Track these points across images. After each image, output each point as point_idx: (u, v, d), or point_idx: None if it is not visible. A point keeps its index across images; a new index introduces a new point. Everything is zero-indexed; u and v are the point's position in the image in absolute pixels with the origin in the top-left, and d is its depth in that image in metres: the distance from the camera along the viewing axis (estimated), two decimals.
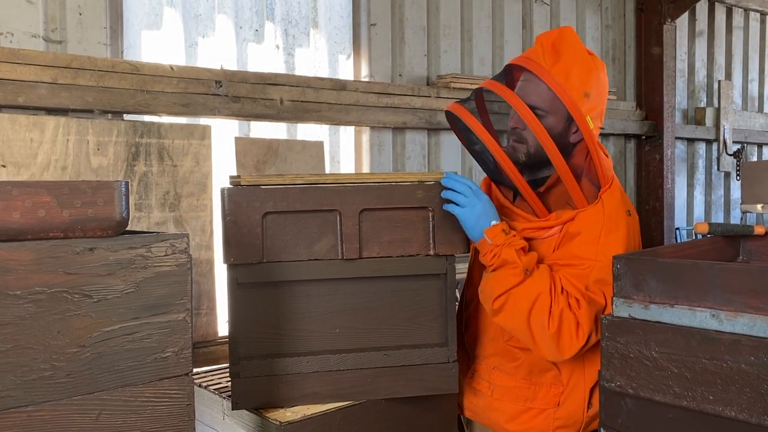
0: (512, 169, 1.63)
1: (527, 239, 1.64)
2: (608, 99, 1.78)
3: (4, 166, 2.29)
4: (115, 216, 1.16)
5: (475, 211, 1.58)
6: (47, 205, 1.11)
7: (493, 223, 1.59)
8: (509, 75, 1.76)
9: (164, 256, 1.23)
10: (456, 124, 1.80)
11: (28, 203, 1.09)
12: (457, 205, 1.60)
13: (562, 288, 1.58)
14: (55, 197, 1.11)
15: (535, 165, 1.69)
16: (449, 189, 1.61)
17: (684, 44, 5.70)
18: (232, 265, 1.58)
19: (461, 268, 1.87)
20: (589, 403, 1.69)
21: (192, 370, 1.28)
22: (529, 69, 1.63)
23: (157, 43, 3.03)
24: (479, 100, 1.79)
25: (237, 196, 1.56)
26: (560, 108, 1.62)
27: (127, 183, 1.20)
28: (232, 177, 1.59)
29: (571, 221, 1.64)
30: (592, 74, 1.63)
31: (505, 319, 1.60)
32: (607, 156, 1.72)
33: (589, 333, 1.55)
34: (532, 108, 1.61)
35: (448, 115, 1.77)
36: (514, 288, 1.56)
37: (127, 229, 1.24)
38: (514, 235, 1.60)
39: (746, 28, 6.30)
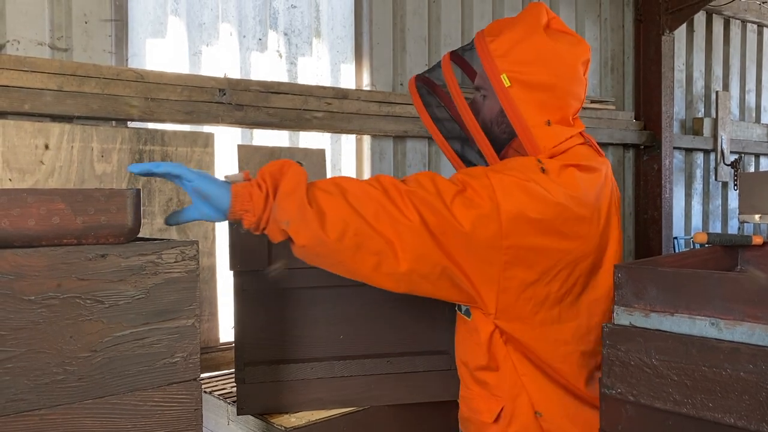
0: (479, 131, 1.53)
1: None
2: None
3: (10, 180, 2.31)
4: (127, 223, 1.19)
5: (206, 176, 1.28)
6: (61, 212, 1.13)
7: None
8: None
9: (174, 262, 1.26)
10: (421, 97, 1.69)
11: (43, 210, 1.11)
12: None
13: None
14: (69, 204, 1.14)
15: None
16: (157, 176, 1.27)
17: (682, 55, 5.75)
18: (239, 272, 1.60)
19: None
20: (537, 412, 1.53)
21: (200, 375, 1.30)
22: (473, 42, 1.57)
23: (161, 52, 3.06)
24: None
25: None
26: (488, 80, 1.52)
27: (138, 191, 1.23)
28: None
29: None
30: (533, 45, 1.51)
31: (331, 211, 1.30)
32: (598, 152, 1.60)
33: (418, 197, 1.33)
34: (477, 86, 1.58)
35: (414, 85, 1.68)
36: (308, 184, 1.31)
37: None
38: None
39: (743, 39, 6.35)
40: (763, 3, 6.10)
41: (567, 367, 1.51)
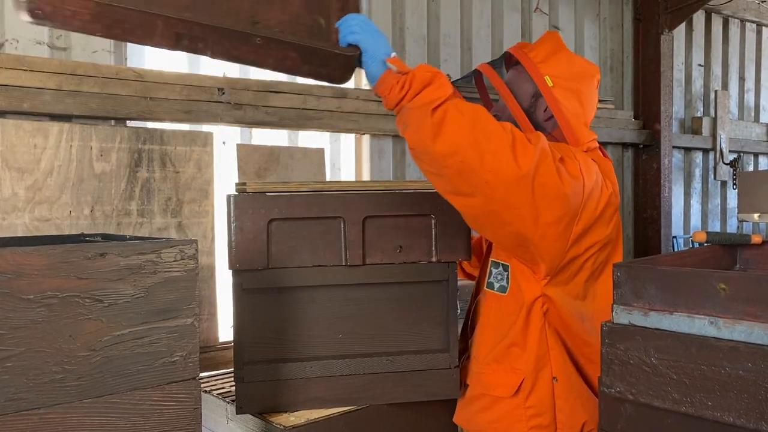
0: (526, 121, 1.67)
1: None
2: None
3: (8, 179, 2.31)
4: None
5: (376, 39, 1.44)
6: None
7: (393, 54, 1.46)
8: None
9: (173, 261, 1.26)
10: (481, 83, 1.91)
11: None
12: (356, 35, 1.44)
13: None
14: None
15: None
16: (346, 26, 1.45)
17: (681, 54, 5.75)
18: (238, 271, 1.60)
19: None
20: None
21: (199, 374, 1.30)
22: (512, 52, 1.74)
23: (160, 51, 3.06)
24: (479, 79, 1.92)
25: (243, 203, 1.58)
26: (530, 82, 1.69)
27: None
28: (237, 184, 1.62)
29: None
30: (563, 57, 1.70)
31: (450, 129, 1.37)
32: (606, 157, 1.74)
33: (542, 149, 1.44)
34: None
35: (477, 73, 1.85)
36: (450, 98, 1.40)
37: (130, 235, 1.26)
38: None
39: (742, 38, 6.35)
40: (762, 2, 6.10)
41: (594, 339, 1.57)
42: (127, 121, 2.77)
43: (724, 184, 6.21)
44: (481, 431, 1.73)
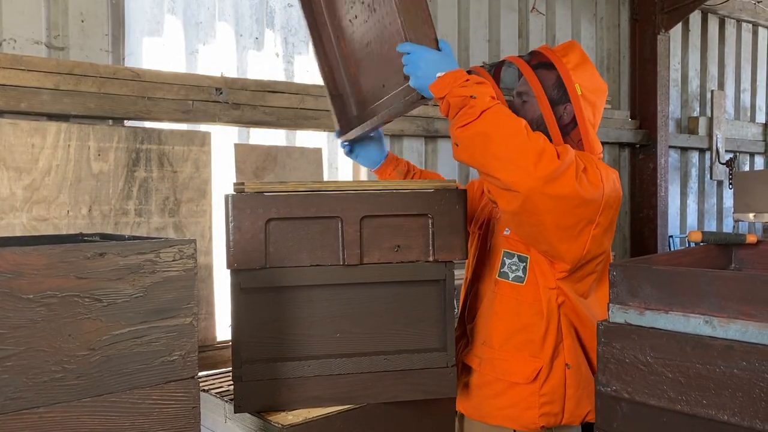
0: (552, 117, 1.73)
1: None
2: (603, 108, 1.87)
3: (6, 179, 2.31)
4: None
5: (417, 68, 1.58)
6: None
7: (439, 75, 1.58)
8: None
9: (172, 261, 1.26)
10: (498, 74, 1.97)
11: None
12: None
13: None
14: None
15: None
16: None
17: (678, 54, 5.77)
18: (236, 271, 1.60)
19: (460, 274, 1.90)
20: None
21: (198, 374, 1.31)
22: (545, 54, 1.79)
23: (158, 50, 3.06)
24: (498, 71, 1.96)
25: (241, 202, 1.59)
26: (561, 87, 1.76)
27: None
28: (235, 184, 1.62)
29: None
30: (589, 69, 1.79)
31: (486, 123, 1.52)
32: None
33: (568, 162, 1.53)
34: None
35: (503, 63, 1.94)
36: (479, 117, 1.53)
37: (128, 234, 1.27)
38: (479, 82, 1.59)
39: (738, 38, 6.38)
40: (758, 2, 6.12)
41: None
42: (125, 121, 2.77)
43: (720, 183, 6.23)
44: (488, 416, 1.77)
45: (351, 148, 2.12)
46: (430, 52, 1.59)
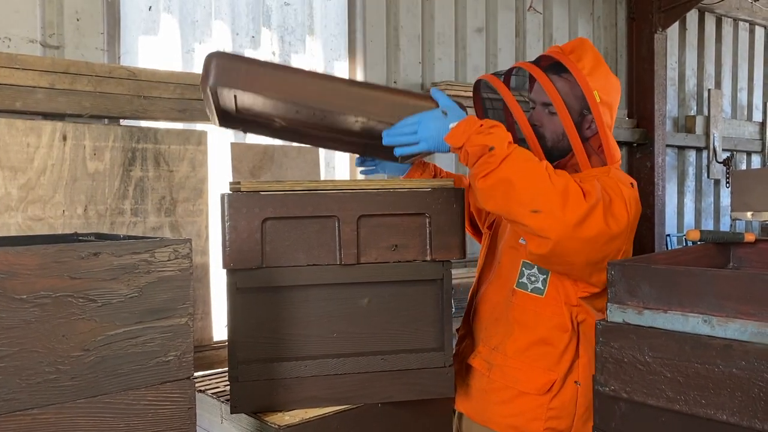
0: (534, 138, 1.70)
1: None
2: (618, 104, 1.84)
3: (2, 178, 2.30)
4: None
5: (426, 134, 1.62)
6: None
7: (452, 126, 1.60)
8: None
9: (167, 261, 1.25)
10: (480, 95, 1.91)
11: None
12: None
13: None
14: None
15: (551, 148, 1.76)
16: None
17: (675, 53, 5.77)
18: (232, 270, 1.59)
19: (457, 274, 1.89)
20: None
21: (193, 374, 1.30)
22: (559, 60, 1.72)
23: (154, 49, 3.05)
24: (508, 78, 1.88)
25: (237, 202, 1.58)
26: (579, 96, 1.71)
27: None
28: (231, 183, 1.61)
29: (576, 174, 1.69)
30: (603, 71, 1.75)
31: (507, 170, 1.51)
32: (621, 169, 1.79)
33: (594, 203, 1.51)
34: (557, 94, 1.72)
35: (479, 83, 1.88)
36: (499, 166, 1.52)
37: (124, 234, 1.26)
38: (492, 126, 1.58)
39: (735, 37, 6.38)
40: (755, 1, 6.12)
41: None
42: (121, 120, 2.76)
43: (717, 182, 6.24)
44: (491, 422, 1.76)
45: (375, 164, 2.07)
46: (432, 111, 1.63)
